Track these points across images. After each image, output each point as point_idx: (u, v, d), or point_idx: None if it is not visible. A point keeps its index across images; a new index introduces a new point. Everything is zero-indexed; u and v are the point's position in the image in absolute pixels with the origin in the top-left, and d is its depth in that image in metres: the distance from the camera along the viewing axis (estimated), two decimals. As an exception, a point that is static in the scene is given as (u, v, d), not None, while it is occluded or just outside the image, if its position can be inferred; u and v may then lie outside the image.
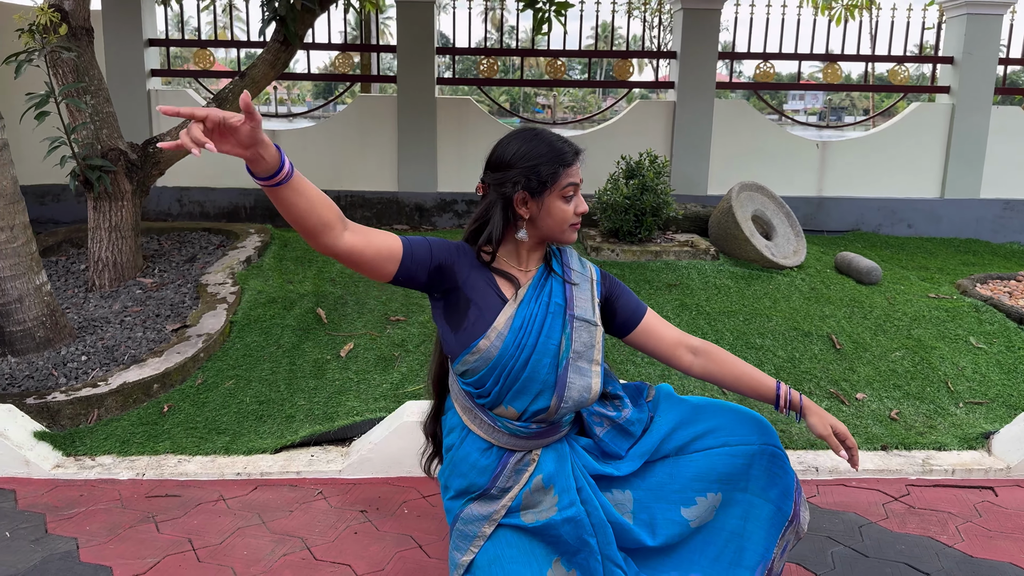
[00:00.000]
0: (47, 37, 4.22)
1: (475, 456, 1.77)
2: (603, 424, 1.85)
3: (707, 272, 5.05)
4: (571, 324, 1.74)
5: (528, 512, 1.73)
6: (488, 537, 1.73)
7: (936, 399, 3.79)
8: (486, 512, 1.75)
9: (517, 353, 1.69)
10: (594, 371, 1.75)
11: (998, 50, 6.49)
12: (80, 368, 3.53)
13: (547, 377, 1.71)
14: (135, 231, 4.78)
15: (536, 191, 1.70)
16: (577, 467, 1.79)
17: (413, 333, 4.07)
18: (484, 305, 1.71)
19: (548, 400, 1.71)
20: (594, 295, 1.82)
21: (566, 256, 1.85)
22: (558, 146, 1.72)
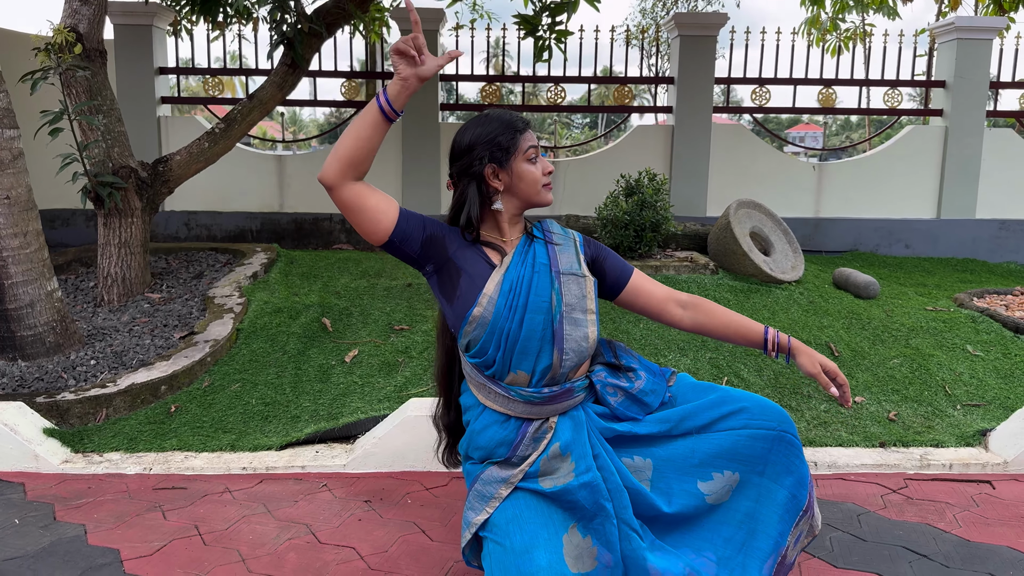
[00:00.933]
0: (62, 56, 4.36)
1: (494, 429, 1.83)
2: (616, 394, 1.88)
3: (707, 286, 5.12)
4: (558, 279, 1.82)
5: (546, 478, 1.77)
6: (504, 498, 1.78)
7: (934, 402, 3.82)
8: (505, 475, 1.80)
9: (510, 315, 1.77)
10: (589, 320, 1.83)
11: (988, 73, 6.63)
12: (89, 371, 3.59)
13: (544, 333, 1.78)
14: (144, 247, 4.88)
15: (502, 160, 1.82)
16: (594, 433, 1.83)
17: (416, 341, 4.13)
18: (474, 272, 1.80)
19: (550, 356, 1.78)
20: (579, 253, 1.91)
21: (547, 224, 1.96)
22: (507, 117, 1.85)
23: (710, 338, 2.00)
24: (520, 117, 1.87)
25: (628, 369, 1.93)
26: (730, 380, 3.92)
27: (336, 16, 5.22)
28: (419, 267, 1.85)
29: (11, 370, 3.56)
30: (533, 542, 1.68)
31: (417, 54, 1.66)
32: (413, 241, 1.78)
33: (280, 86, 5.21)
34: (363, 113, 1.72)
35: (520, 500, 1.77)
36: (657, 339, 4.29)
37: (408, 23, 6.56)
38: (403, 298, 4.77)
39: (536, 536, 1.69)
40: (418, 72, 1.68)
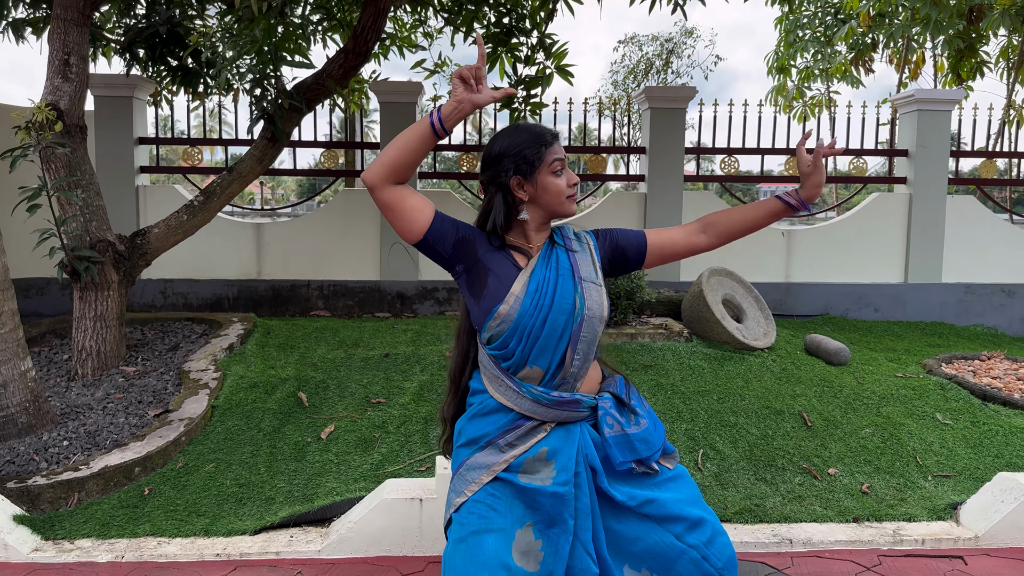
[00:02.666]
0: (42, 133, 4.40)
1: (496, 416, 1.95)
2: (613, 427, 1.93)
3: (681, 353, 5.18)
4: (581, 285, 1.95)
5: (525, 475, 1.87)
6: (484, 484, 1.87)
7: (905, 473, 3.88)
8: (488, 462, 1.89)
9: (536, 313, 1.90)
10: (600, 327, 1.98)
11: (949, 143, 6.87)
12: (62, 453, 3.55)
13: (564, 332, 1.91)
14: (120, 320, 4.86)
15: (527, 173, 1.95)
16: (582, 455, 1.90)
17: (393, 415, 4.14)
18: (502, 274, 1.93)
19: (560, 355, 1.92)
20: (595, 260, 2.03)
21: (564, 231, 2.08)
22: (536, 131, 1.97)
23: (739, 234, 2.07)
24: (548, 130, 1.98)
25: (633, 411, 1.99)
26: (705, 452, 3.95)
27: (316, 91, 5.33)
28: (450, 267, 1.97)
29: (-19, 452, 3.51)
30: (487, 527, 1.80)
31: (475, 83, 1.83)
32: (446, 241, 1.92)
33: (260, 159, 5.28)
34: (414, 126, 1.87)
35: (491, 488, 1.87)
36: (633, 411, 4.32)
37: (387, 94, 6.70)
38: (380, 369, 4.78)
39: (492, 522, 1.81)
40: (473, 99, 1.84)
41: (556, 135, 1.99)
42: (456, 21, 6.57)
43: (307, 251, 6.72)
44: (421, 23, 7.43)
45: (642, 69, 16.16)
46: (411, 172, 1.87)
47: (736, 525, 3.32)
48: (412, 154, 1.84)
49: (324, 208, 6.81)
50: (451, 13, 6.65)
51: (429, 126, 1.83)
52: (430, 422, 4.07)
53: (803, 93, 9.91)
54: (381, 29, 5.39)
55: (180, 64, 5.97)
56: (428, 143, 1.85)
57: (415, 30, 7.50)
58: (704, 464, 3.83)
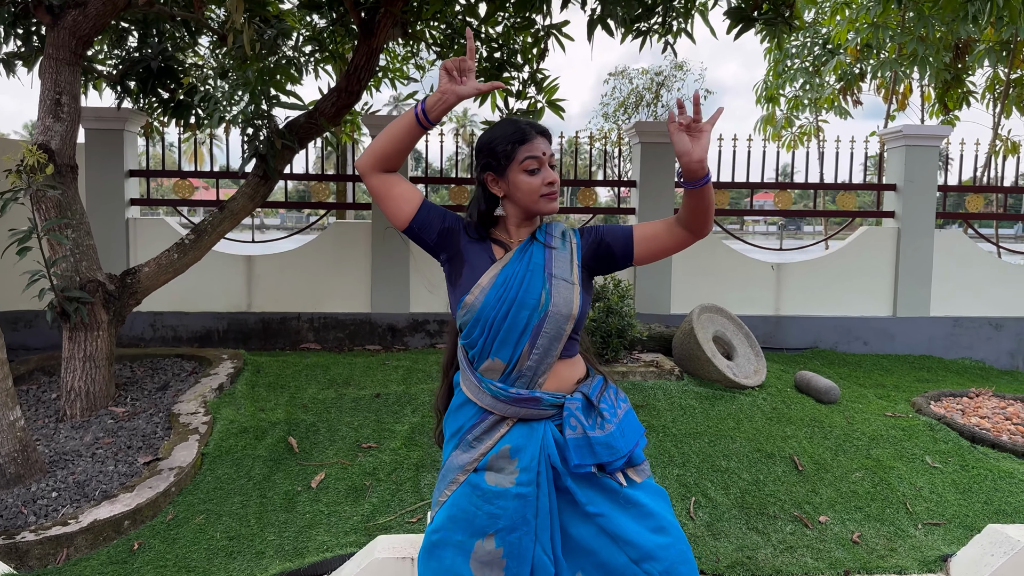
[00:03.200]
0: (33, 176, 4.39)
1: (464, 410, 2.02)
2: (576, 429, 1.92)
3: (672, 392, 5.19)
4: (550, 281, 1.96)
5: (491, 474, 1.91)
6: (459, 484, 1.95)
7: (896, 521, 3.89)
8: (462, 462, 1.96)
9: (498, 305, 1.94)
10: (568, 325, 1.97)
11: (936, 178, 6.93)
12: (50, 505, 3.52)
13: (526, 327, 1.94)
14: (109, 360, 4.83)
15: (499, 169, 1.98)
16: (544, 455, 1.91)
17: (384, 461, 4.12)
18: (476, 265, 2.00)
19: (520, 350, 1.94)
20: (574, 258, 2.02)
21: (552, 227, 2.09)
22: (515, 126, 1.98)
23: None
24: (531, 126, 1.98)
25: (600, 414, 1.95)
26: (698, 499, 3.95)
27: (309, 130, 5.34)
28: (435, 255, 2.05)
29: (-32, 505, 3.48)
30: (447, 539, 1.88)
31: (459, 74, 1.89)
32: (431, 230, 2.01)
33: (252, 197, 5.28)
34: (401, 116, 1.95)
35: (461, 495, 1.93)
36: (624, 455, 4.32)
37: (379, 128, 6.71)
38: (371, 411, 4.77)
39: (453, 534, 1.88)
40: (456, 90, 1.89)
41: (540, 131, 1.98)
42: (448, 55, 6.60)
43: (297, 283, 6.71)
44: (413, 55, 7.46)
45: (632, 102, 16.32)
46: (399, 161, 1.98)
47: (728, 579, 3.33)
48: (399, 143, 1.94)
49: (315, 240, 6.81)
50: (443, 47, 6.69)
51: (414, 117, 1.92)
52: (421, 469, 4.06)
53: (792, 123, 9.99)
54: (374, 68, 5.41)
55: (172, 96, 5.97)
56: (414, 133, 1.94)
57: (407, 62, 7.53)
58: (696, 513, 3.83)
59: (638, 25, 5.82)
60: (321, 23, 6.58)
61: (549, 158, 1.99)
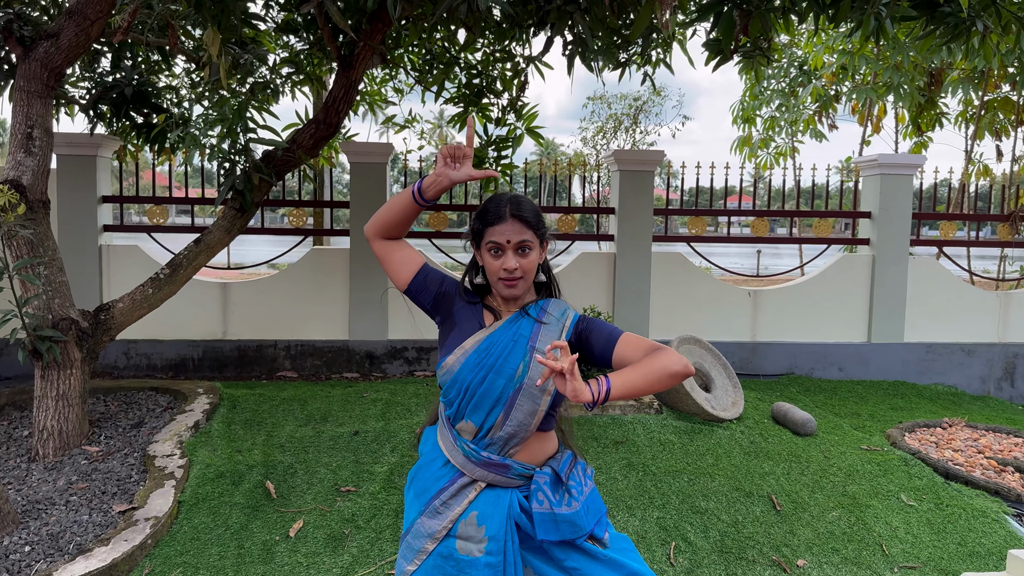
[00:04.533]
0: (4, 215, 4.30)
1: (435, 465, 2.07)
2: (543, 504, 1.96)
3: (651, 427, 5.21)
4: (531, 354, 1.98)
5: (462, 542, 1.96)
6: (428, 554, 1.98)
7: (872, 564, 3.92)
8: (431, 530, 1.99)
9: (476, 370, 1.99)
10: (544, 399, 1.99)
11: (910, 206, 7.02)
12: (23, 560, 3.45)
13: (501, 395, 1.98)
14: (82, 398, 4.76)
15: (476, 242, 2.08)
16: (510, 523, 1.97)
17: (364, 506, 4.09)
18: (465, 328, 2.07)
19: (496, 417, 1.98)
20: (562, 337, 2.03)
21: (549, 305, 2.11)
22: (491, 206, 2.04)
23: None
24: (501, 210, 2.00)
25: (568, 491, 1.99)
26: (678, 544, 3.96)
27: (285, 162, 5.29)
28: (432, 317, 2.16)
29: (-63, 562, 3.40)
30: None
31: (454, 161, 1.99)
32: (427, 294, 2.12)
33: (228, 230, 5.22)
34: (401, 194, 2.07)
35: (428, 568, 1.97)
36: (607, 495, 4.33)
37: (358, 155, 6.67)
38: (349, 450, 4.74)
39: None
40: (450, 175, 1.99)
41: (519, 216, 1.98)
42: (427, 80, 6.58)
43: (274, 311, 6.65)
44: (391, 78, 7.43)
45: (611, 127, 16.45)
46: (400, 232, 2.12)
47: (708, 632, 3.34)
48: (397, 217, 2.07)
49: (293, 267, 6.75)
50: (422, 72, 6.66)
51: (410, 195, 2.04)
52: (401, 515, 4.03)
53: (767, 144, 10.08)
54: (352, 100, 5.37)
55: (146, 121, 5.89)
56: (411, 210, 2.06)
57: (385, 84, 7.50)
58: (676, 559, 3.84)
59: (616, 54, 5.84)
60: (298, 45, 6.53)
61: (516, 245, 1.99)
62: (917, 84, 8.12)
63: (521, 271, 2.01)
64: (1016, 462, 5.14)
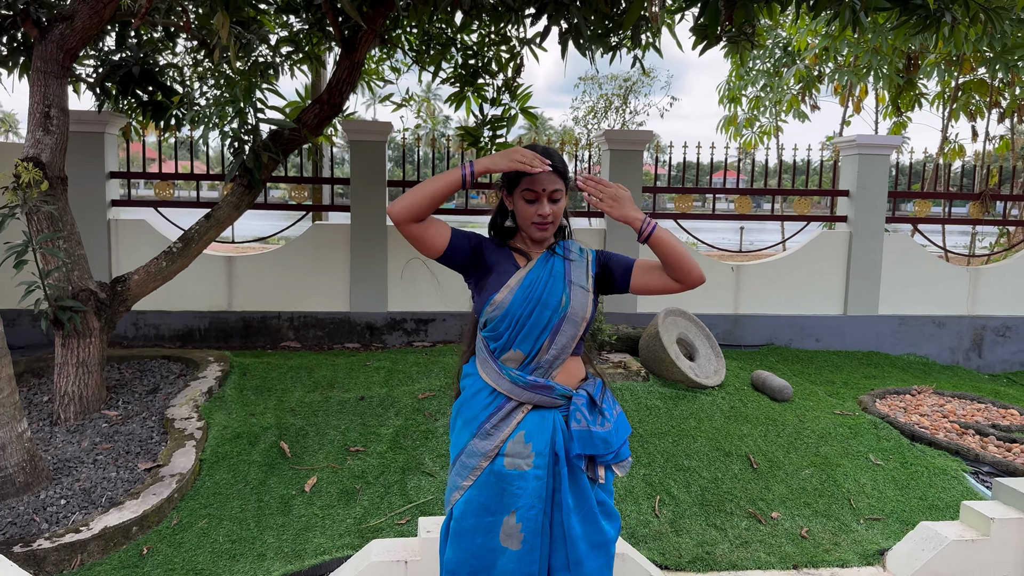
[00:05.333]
0: (28, 192, 4.54)
1: (481, 396, 2.30)
2: (580, 423, 2.24)
3: (639, 393, 5.53)
4: (570, 287, 2.29)
5: (511, 458, 2.22)
6: (482, 471, 2.24)
7: (840, 516, 4.28)
8: (483, 449, 2.25)
9: (524, 304, 2.25)
10: (581, 326, 2.30)
11: (887, 185, 7.34)
12: (60, 512, 3.75)
13: (548, 324, 2.25)
14: (101, 365, 5.02)
15: (509, 188, 2.31)
16: (558, 440, 2.24)
17: (372, 464, 4.40)
18: (502, 270, 2.30)
19: (541, 344, 2.25)
20: (589, 271, 2.35)
21: (569, 243, 2.40)
22: (532, 155, 2.22)
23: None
24: (545, 159, 2.22)
25: (601, 413, 2.29)
26: (662, 498, 4.30)
27: (291, 141, 5.53)
28: (464, 271, 2.35)
29: (-19, 513, 3.69)
30: (477, 525, 2.22)
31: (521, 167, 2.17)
32: (462, 253, 2.30)
33: (236, 206, 5.47)
34: (445, 175, 2.19)
35: (484, 481, 2.24)
36: (595, 456, 4.66)
37: (357, 133, 6.90)
38: (356, 414, 5.04)
39: (481, 519, 2.23)
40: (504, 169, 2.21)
41: (548, 168, 2.21)
42: (424, 60, 6.80)
43: (277, 283, 6.91)
44: (389, 57, 7.63)
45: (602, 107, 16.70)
46: (430, 214, 2.21)
47: (690, 574, 3.68)
48: (436, 201, 2.19)
49: (295, 242, 7.00)
50: (419, 52, 6.88)
51: (460, 178, 2.19)
52: (407, 472, 4.35)
53: (752, 123, 10.36)
54: (355, 81, 5.60)
55: (151, 99, 6.10)
56: (455, 190, 2.21)
57: (382, 63, 7.70)
58: (661, 511, 4.18)
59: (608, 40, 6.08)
60: (298, 25, 6.72)
61: (550, 193, 2.26)
62: (896, 67, 8.41)
63: (552, 216, 2.28)
64: (977, 425, 5.52)
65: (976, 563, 3.68)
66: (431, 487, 4.22)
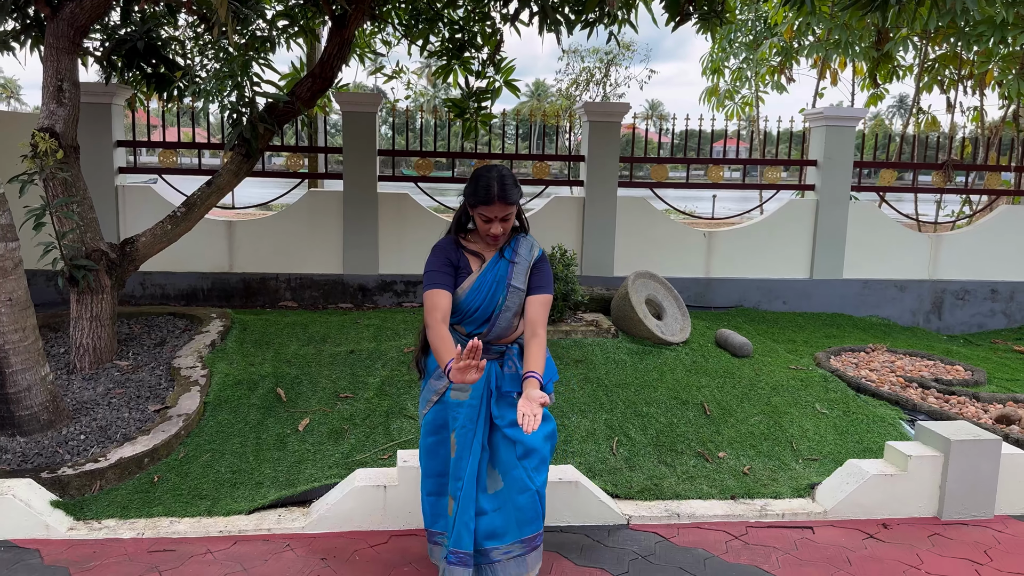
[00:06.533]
0: (45, 160, 4.96)
1: None
2: (511, 367, 2.99)
3: (608, 349, 5.99)
4: (508, 289, 2.97)
5: (455, 392, 2.95)
6: (434, 404, 3.03)
7: (781, 456, 4.75)
8: (436, 387, 3.03)
9: (472, 301, 2.96)
10: (516, 315, 3.02)
11: (852, 155, 7.73)
12: (80, 446, 4.22)
13: (490, 314, 2.98)
14: (112, 320, 5.48)
15: (470, 206, 2.92)
16: (492, 380, 2.97)
17: (360, 408, 4.87)
18: (463, 274, 2.97)
19: (484, 328, 3.00)
20: (528, 271, 3.01)
21: (519, 244, 3.04)
22: (482, 187, 2.84)
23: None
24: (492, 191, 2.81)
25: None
26: (620, 439, 4.76)
27: (286, 112, 5.93)
28: None
29: (12, 446, 4.16)
30: (435, 433, 3.05)
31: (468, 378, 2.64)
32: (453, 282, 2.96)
33: (236, 173, 5.88)
34: (442, 355, 2.71)
35: (439, 408, 3.03)
36: (564, 403, 5.12)
37: (349, 104, 7.29)
38: (346, 365, 5.50)
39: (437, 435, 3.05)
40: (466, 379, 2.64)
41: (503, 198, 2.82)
42: (412, 34, 7.16)
43: (275, 247, 7.35)
44: (379, 31, 7.99)
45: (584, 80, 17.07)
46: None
47: (637, 502, 4.15)
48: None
49: (291, 208, 7.43)
50: (408, 27, 7.24)
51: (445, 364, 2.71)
52: (391, 415, 4.82)
53: (733, 95, 10.70)
54: (345, 56, 5.98)
55: (154, 72, 6.48)
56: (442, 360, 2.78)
57: (373, 37, 8.06)
58: (618, 450, 4.65)
59: (585, 17, 6.44)
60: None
61: (500, 220, 2.88)
62: (867, 41, 8.73)
63: (503, 231, 2.94)
64: (920, 379, 5.98)
65: (894, 495, 4.15)
66: (412, 428, 4.69)
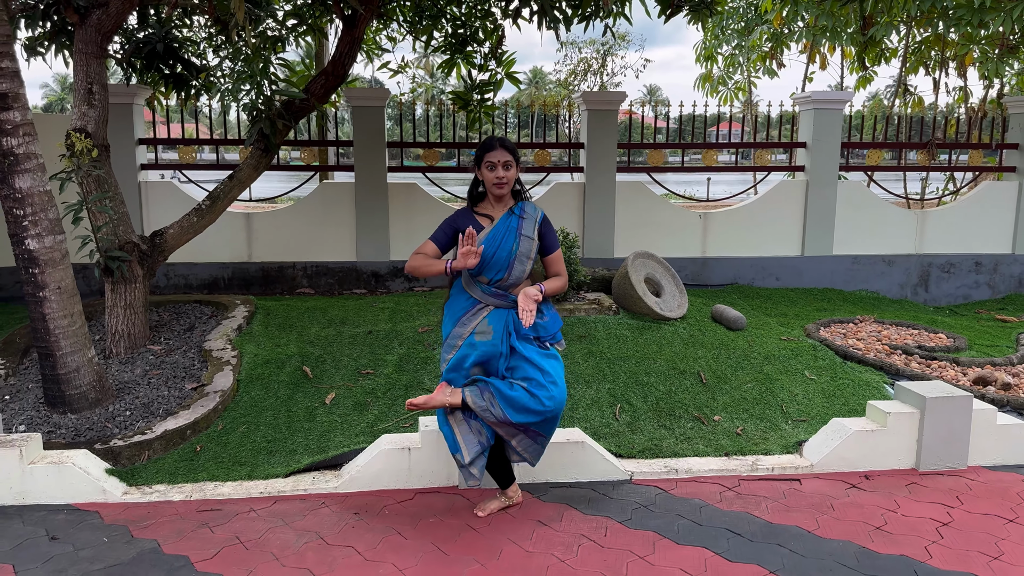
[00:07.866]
0: (81, 159, 5.32)
1: (462, 299, 3.57)
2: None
3: (610, 325, 6.36)
4: (519, 237, 3.52)
5: (479, 336, 3.47)
6: (459, 348, 3.50)
7: (772, 419, 5.12)
8: (460, 332, 3.52)
9: (490, 250, 3.46)
10: (528, 263, 3.56)
11: (840, 136, 8.07)
12: (127, 421, 4.61)
13: (505, 263, 3.50)
14: (144, 307, 5.86)
15: (478, 164, 3.51)
16: (509, 328, 3.50)
17: (380, 383, 5.25)
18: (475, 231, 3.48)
19: (503, 274, 3.50)
20: (535, 225, 3.58)
21: (526, 205, 3.62)
22: (486, 142, 3.50)
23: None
24: (491, 139, 3.49)
25: (540, 311, 3.57)
26: (622, 406, 5.14)
27: (302, 108, 6.28)
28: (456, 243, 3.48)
29: (64, 422, 4.55)
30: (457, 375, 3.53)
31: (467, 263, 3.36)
32: (449, 243, 3.54)
33: (256, 167, 6.24)
34: (435, 266, 3.43)
35: (460, 353, 3.50)
36: (570, 375, 5.48)
37: (358, 99, 7.63)
38: (366, 345, 5.88)
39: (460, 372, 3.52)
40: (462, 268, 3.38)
41: (496, 143, 3.45)
42: (417, 30, 7.50)
43: (292, 236, 7.72)
44: (385, 27, 8.33)
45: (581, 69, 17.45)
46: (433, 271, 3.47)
47: (639, 460, 4.52)
48: (427, 274, 3.48)
49: (306, 199, 7.79)
50: (412, 23, 7.57)
51: (442, 271, 3.42)
52: (410, 388, 5.20)
53: (726, 81, 11.02)
54: (356, 54, 6.33)
55: (172, 72, 6.83)
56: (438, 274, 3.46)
57: (379, 33, 8.40)
58: (620, 415, 5.03)
59: (582, 12, 6.78)
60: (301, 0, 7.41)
61: (503, 163, 3.46)
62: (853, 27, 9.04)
63: (506, 179, 3.47)
64: (904, 346, 6.34)
65: (874, 449, 4.52)
66: (429, 400, 5.07)
